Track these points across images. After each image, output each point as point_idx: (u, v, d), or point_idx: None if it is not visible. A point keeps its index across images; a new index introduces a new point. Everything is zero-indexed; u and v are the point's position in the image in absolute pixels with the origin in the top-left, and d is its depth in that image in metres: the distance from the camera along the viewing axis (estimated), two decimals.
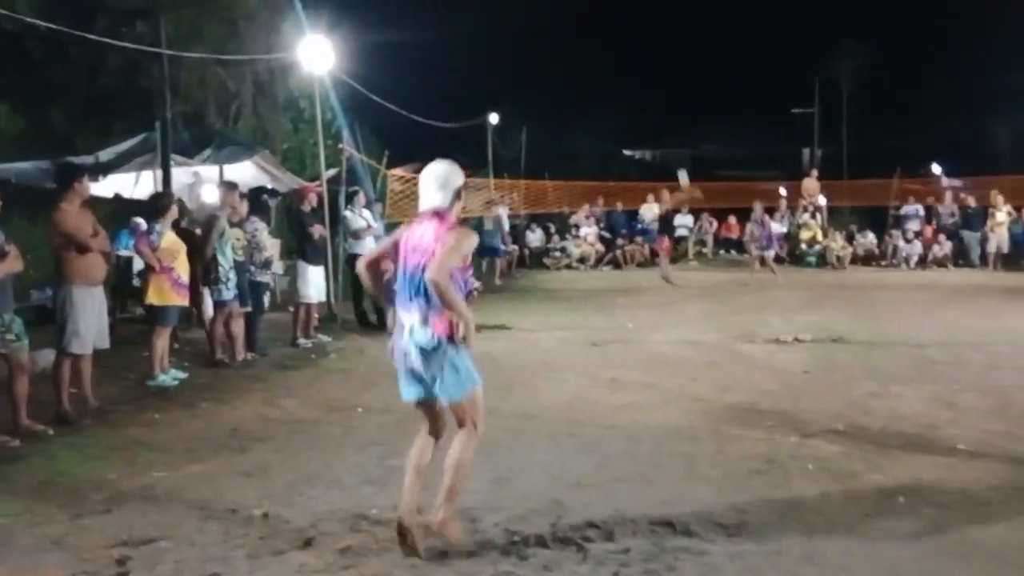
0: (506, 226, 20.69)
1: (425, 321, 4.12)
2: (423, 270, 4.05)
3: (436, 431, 4.37)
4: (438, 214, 4.22)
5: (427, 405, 4.32)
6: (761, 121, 42.74)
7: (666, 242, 18.31)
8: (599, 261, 21.96)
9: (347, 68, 14.54)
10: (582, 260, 21.93)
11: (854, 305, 13.57)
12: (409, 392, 4.33)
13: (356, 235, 11.59)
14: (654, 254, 20.12)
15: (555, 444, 5.98)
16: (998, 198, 20.35)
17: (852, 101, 39.90)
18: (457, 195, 4.30)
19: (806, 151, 42.69)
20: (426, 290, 4.04)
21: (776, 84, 38.49)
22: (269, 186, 11.53)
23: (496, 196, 22.57)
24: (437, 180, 4.27)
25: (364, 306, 11.85)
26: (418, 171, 15.55)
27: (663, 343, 10.27)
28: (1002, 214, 20.11)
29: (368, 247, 11.90)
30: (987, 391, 7.50)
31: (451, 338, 4.13)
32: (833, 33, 38.08)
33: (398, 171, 17.43)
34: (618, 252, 21.89)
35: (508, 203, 22.31)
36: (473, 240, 4.33)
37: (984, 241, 20.45)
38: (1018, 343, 9.92)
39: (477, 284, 12.57)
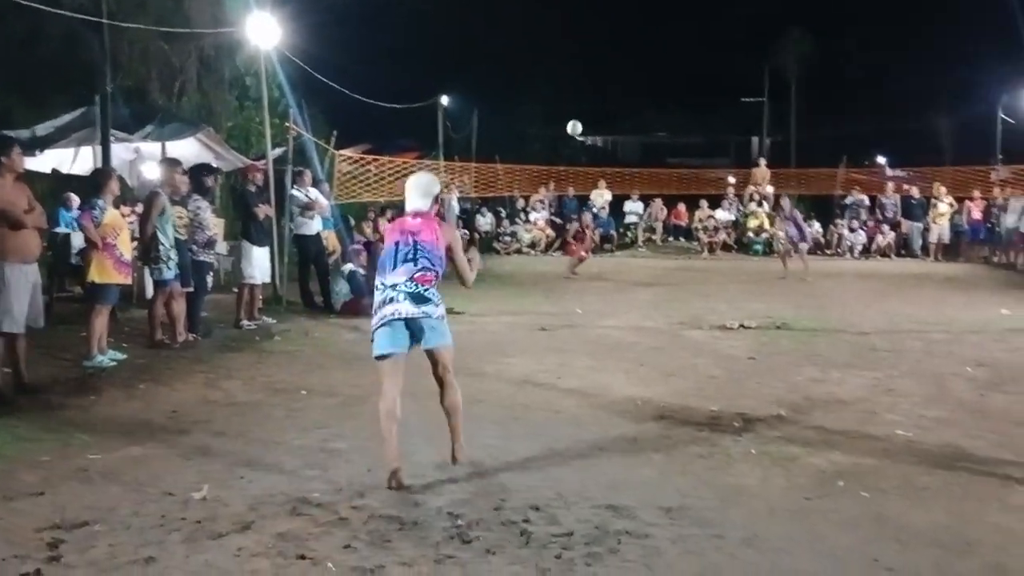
0: (456, 210, 20.62)
1: (411, 278, 4.86)
2: (414, 240, 4.94)
3: (399, 386, 4.94)
4: (421, 214, 5.09)
5: (398, 361, 4.92)
6: (711, 109, 43.06)
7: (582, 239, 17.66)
8: (549, 246, 21.98)
9: (295, 46, 14.31)
10: (532, 245, 21.93)
11: (799, 293, 13.76)
12: (391, 345, 4.87)
13: (305, 209, 11.45)
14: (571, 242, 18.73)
15: (501, 428, 5.95)
16: (940, 190, 20.78)
17: (800, 91, 40.39)
18: (436, 200, 5.23)
19: (755, 140, 43.19)
20: (415, 256, 4.91)
21: (726, 73, 38.73)
22: (213, 164, 11.26)
23: (446, 179, 22.44)
24: (420, 189, 5.19)
25: (310, 287, 11.72)
26: (367, 152, 15.39)
27: (611, 329, 10.30)
28: (944, 205, 20.54)
29: (316, 227, 11.78)
30: (925, 378, 7.65)
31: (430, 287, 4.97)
32: (783, 23, 38.46)
33: (347, 152, 17.23)
34: (570, 237, 21.93)
35: (459, 187, 22.21)
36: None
37: (926, 232, 20.88)
38: (955, 331, 10.14)
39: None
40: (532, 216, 22.54)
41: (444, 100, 25.47)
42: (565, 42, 37.48)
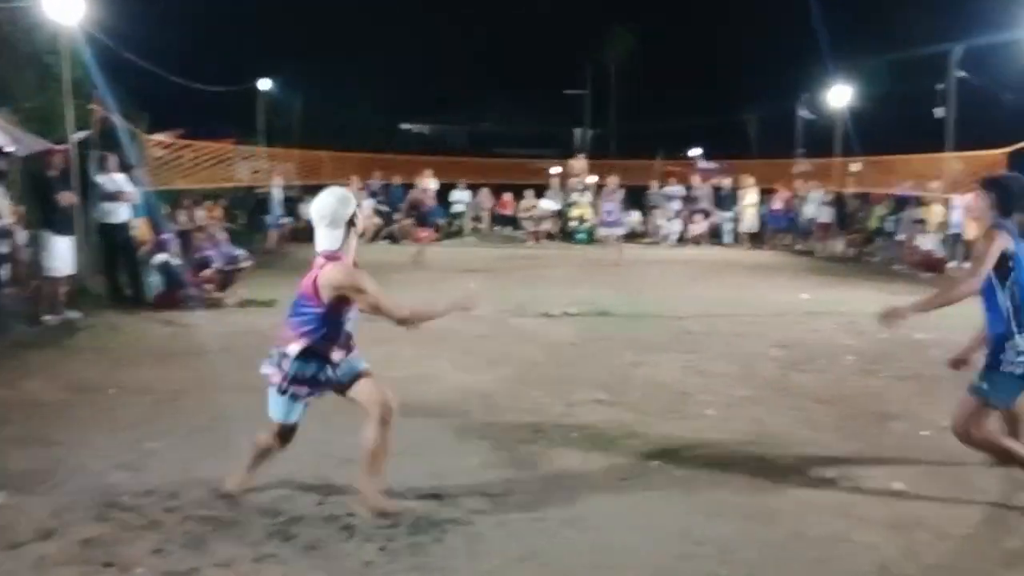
0: (280, 197, 20.05)
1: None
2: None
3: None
4: (329, 256, 4.31)
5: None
6: (536, 100, 43.79)
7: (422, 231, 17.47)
8: (376, 235, 21.75)
9: (101, 22, 13.46)
10: (359, 234, 21.60)
11: (619, 280, 14.22)
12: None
13: (111, 197, 10.82)
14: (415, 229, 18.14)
15: (323, 421, 5.79)
16: (748, 181, 22.02)
17: (621, 84, 41.74)
18: (349, 224, 4.36)
19: (578, 131, 44.30)
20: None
21: (551, 65, 39.52)
22: (6, 148, 10.45)
23: (267, 166, 21.79)
24: (324, 218, 4.28)
25: (119, 279, 11.09)
26: (181, 137, 14.61)
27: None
28: (751, 196, 21.78)
29: (124, 215, 11.15)
30: (734, 359, 8.09)
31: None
32: (604, 18, 39.59)
33: (160, 136, 16.40)
34: (395, 227, 21.76)
35: (282, 174, 21.58)
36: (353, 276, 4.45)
37: (736, 221, 22.09)
38: (762, 314, 10.77)
39: (245, 254, 12.07)
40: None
41: (265, 84, 24.66)
42: (392, 29, 37.14)
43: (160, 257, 11.06)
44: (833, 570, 3.80)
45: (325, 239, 4.27)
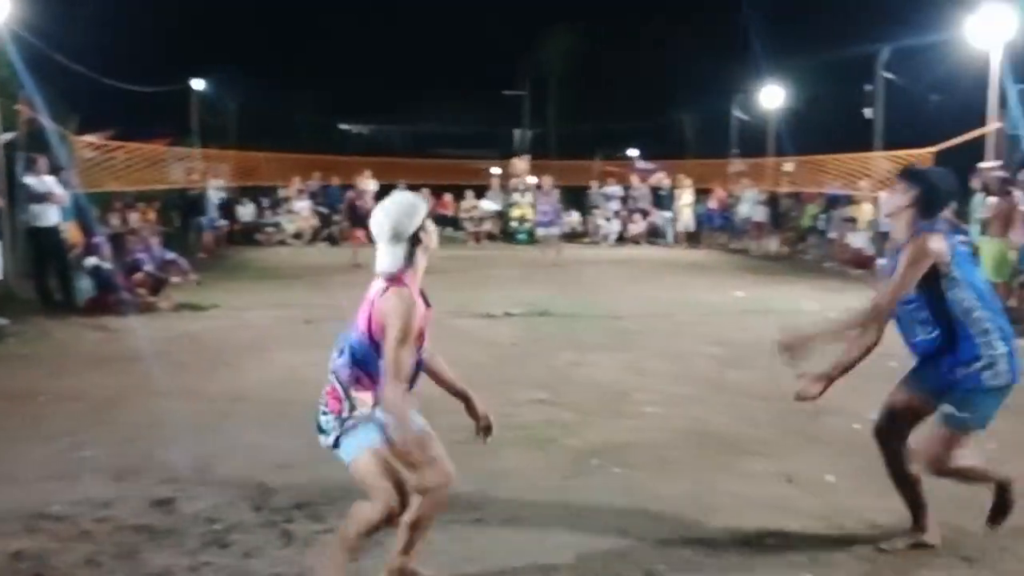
0: (216, 199, 19.74)
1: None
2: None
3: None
4: (388, 279, 3.30)
5: None
6: (476, 101, 43.80)
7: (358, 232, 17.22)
8: (315, 237, 21.53)
9: (27, 21, 13.12)
10: (297, 236, 21.39)
11: (559, 280, 14.31)
12: None
13: (40, 199, 10.54)
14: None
15: (262, 426, 5.77)
16: (685, 181, 22.32)
17: (560, 85, 41.94)
18: (414, 241, 3.30)
19: (518, 132, 44.41)
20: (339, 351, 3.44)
21: (490, 65, 39.63)
22: None
23: (202, 167, 21.42)
24: (385, 230, 3.28)
25: (48, 284, 10.81)
26: (113, 138, 14.31)
27: None
28: (687, 196, 22.07)
29: (53, 218, 10.88)
30: (672, 357, 8.20)
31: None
32: (542, 19, 39.75)
33: (90, 137, 16.03)
34: (335, 228, 21.57)
35: (215, 174, 21.26)
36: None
37: (674, 220, 22.36)
38: (698, 313, 10.93)
39: (186, 265, 11.86)
40: (296, 206, 21.96)
41: (199, 84, 24.25)
42: (330, 28, 36.83)
43: (91, 261, 10.81)
44: (768, 562, 3.88)
45: (385, 257, 3.29)
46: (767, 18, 24.55)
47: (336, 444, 3.34)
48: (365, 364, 3.31)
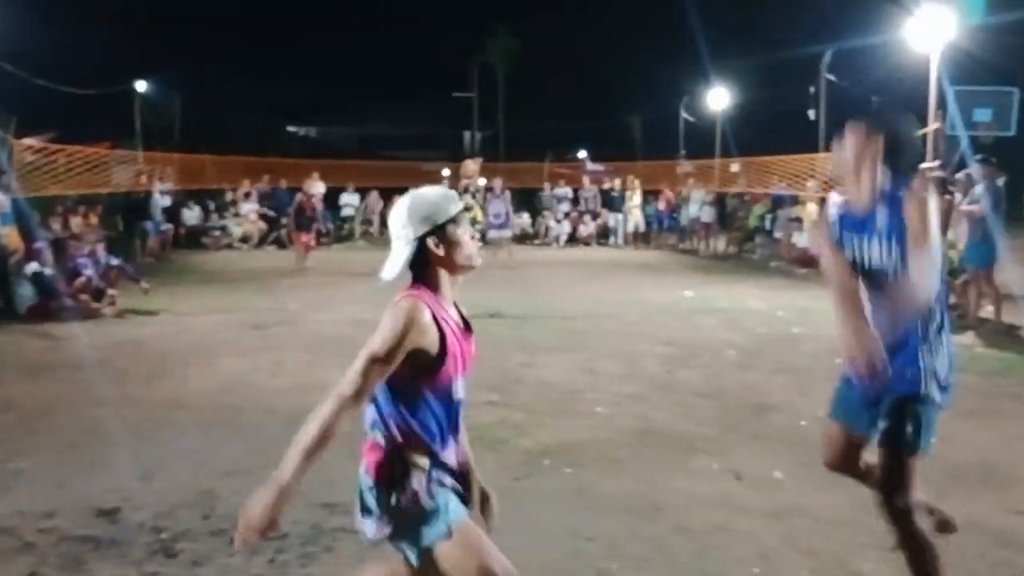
0: (161, 203, 19.41)
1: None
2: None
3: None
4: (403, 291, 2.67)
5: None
6: (425, 103, 43.73)
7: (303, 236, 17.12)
8: (263, 240, 21.28)
9: None
10: (244, 239, 21.12)
11: (510, 282, 14.31)
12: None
13: None
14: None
15: (206, 432, 5.68)
16: (635, 183, 22.50)
17: (508, 87, 42.06)
18: (431, 236, 2.64)
19: (467, 134, 44.43)
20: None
21: (439, 67, 39.63)
22: None
23: (146, 170, 21.06)
24: (395, 224, 2.65)
25: None
26: (52, 140, 14.00)
27: (328, 323, 10.17)
28: (637, 197, 22.26)
29: None
30: (621, 357, 8.25)
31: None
32: (487, 19, 39.83)
33: (29, 141, 15.68)
34: (283, 231, 21.33)
35: (160, 177, 20.91)
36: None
37: (624, 221, 22.53)
38: (647, 313, 11.02)
39: (133, 272, 11.65)
40: (243, 209, 21.68)
41: (141, 86, 23.84)
42: (277, 29, 36.48)
43: (32, 267, 10.57)
44: (717, 559, 3.92)
45: (390, 258, 2.65)
46: (713, 21, 24.88)
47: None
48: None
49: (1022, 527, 4.27)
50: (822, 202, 17.11)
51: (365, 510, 2.69)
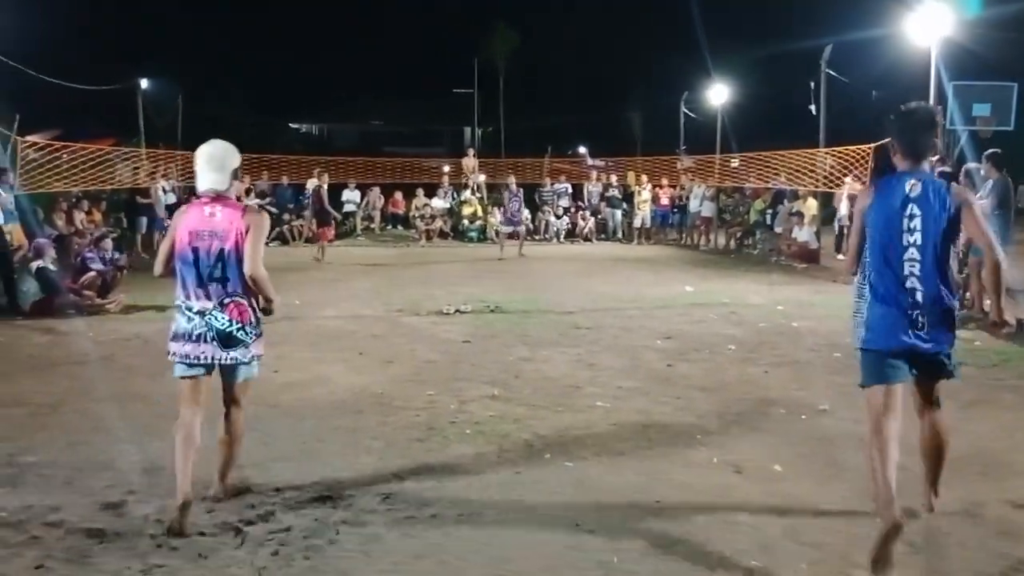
0: (165, 200, 19.43)
1: (222, 306, 4.22)
2: (221, 255, 4.16)
3: (199, 409, 4.40)
4: (220, 197, 4.21)
5: (199, 382, 4.39)
6: (426, 100, 43.79)
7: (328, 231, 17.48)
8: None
9: None
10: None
11: (510, 277, 14.37)
12: (189, 368, 4.34)
13: None
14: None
15: (211, 427, 5.70)
16: (641, 178, 22.49)
17: (508, 83, 42.07)
18: (234, 175, 4.30)
19: (468, 130, 44.44)
20: (224, 276, 4.18)
21: (439, 64, 39.66)
22: None
23: (150, 166, 21.08)
24: (213, 162, 4.21)
25: None
26: (57, 138, 14.12)
27: (330, 318, 10.22)
28: (645, 192, 22.25)
29: None
30: (621, 352, 8.29)
31: (244, 324, 4.29)
32: (489, 16, 39.83)
33: (33, 138, 15.72)
34: (285, 228, 21.37)
35: (165, 174, 20.93)
36: (266, 222, 4.45)
37: (631, 217, 22.50)
38: (647, 308, 11.05)
39: (123, 260, 11.69)
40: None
41: (144, 83, 23.85)
42: (278, 27, 36.50)
43: (36, 263, 10.61)
44: (717, 551, 3.95)
45: (213, 177, 4.30)
46: (713, 17, 24.89)
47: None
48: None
49: (1021, 518, 4.31)
50: (817, 196, 17.17)
51: (235, 344, 4.26)
